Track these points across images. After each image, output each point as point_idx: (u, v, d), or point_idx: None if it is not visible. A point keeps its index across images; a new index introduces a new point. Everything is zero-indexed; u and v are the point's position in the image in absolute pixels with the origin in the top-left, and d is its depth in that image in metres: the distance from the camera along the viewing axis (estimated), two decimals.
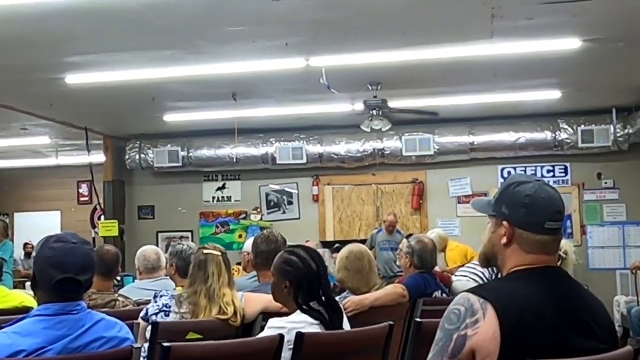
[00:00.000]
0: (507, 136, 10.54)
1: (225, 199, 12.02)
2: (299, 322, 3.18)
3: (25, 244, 12.55)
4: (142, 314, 3.87)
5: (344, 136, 11.00)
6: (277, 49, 6.75)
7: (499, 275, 2.27)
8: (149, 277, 5.29)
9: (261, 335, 3.27)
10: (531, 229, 2.15)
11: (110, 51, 6.78)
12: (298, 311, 3.28)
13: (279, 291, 3.41)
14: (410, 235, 5.44)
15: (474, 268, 5.36)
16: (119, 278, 6.97)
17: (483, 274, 5.10)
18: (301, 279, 3.32)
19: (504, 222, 2.18)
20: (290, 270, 3.35)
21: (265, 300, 3.95)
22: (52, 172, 13.79)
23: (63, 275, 2.58)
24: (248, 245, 5.19)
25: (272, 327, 3.18)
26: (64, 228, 12.47)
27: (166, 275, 5.19)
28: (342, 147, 11.03)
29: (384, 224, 10.29)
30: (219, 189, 12.03)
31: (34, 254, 2.80)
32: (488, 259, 2.30)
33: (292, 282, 3.33)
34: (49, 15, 5.69)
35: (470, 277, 5.25)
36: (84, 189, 13.89)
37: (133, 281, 6.14)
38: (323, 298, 3.33)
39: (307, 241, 8.96)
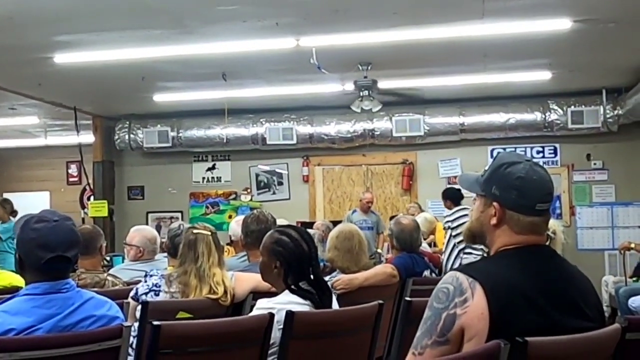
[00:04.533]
0: (497, 117, 10.55)
1: (215, 179, 12.01)
2: (287, 303, 3.17)
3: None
4: (132, 293, 3.87)
5: (334, 117, 10.98)
6: (267, 29, 6.72)
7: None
8: (147, 259, 5.23)
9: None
10: (522, 211, 2.15)
11: (100, 30, 6.74)
12: (286, 291, 3.26)
13: (268, 271, 3.37)
14: (394, 217, 5.46)
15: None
16: (108, 258, 6.94)
17: None
18: (292, 260, 3.29)
19: (495, 204, 2.18)
20: (281, 250, 3.31)
21: (255, 279, 3.95)
22: (41, 153, 13.73)
23: (51, 254, 2.57)
24: (232, 229, 5.18)
25: (261, 309, 3.18)
26: (54, 208, 12.41)
27: (164, 257, 5.15)
28: (333, 127, 11.02)
29: (361, 202, 10.33)
30: (209, 169, 12.01)
31: (14, 236, 2.78)
32: (474, 236, 2.30)
33: (282, 263, 3.29)
34: None
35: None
36: (73, 169, 13.83)
37: (122, 261, 6.12)
38: (312, 278, 3.32)
39: (303, 223, 8.97)
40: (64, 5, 5.96)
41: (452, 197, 9.21)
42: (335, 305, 3.42)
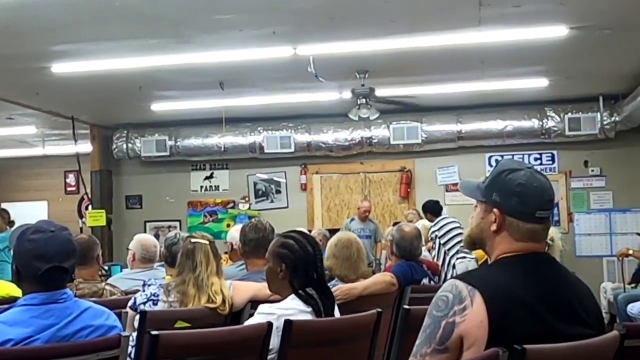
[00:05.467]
0: (495, 124, 10.56)
1: (213, 188, 12.00)
2: (289, 309, 3.16)
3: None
4: (130, 303, 3.86)
5: (332, 125, 10.99)
6: (264, 38, 6.73)
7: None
8: (141, 267, 5.26)
9: (250, 320, 3.26)
10: (522, 218, 2.15)
11: (97, 40, 6.74)
12: (290, 297, 3.25)
13: (274, 277, 3.34)
14: (396, 223, 5.45)
15: None
16: (106, 267, 6.93)
17: None
18: (298, 261, 3.28)
19: (495, 210, 2.18)
20: (287, 253, 3.30)
21: (253, 288, 3.95)
22: (39, 162, 13.72)
23: (48, 265, 2.56)
24: (231, 235, 5.18)
25: (262, 313, 3.17)
26: (51, 218, 12.39)
27: (160, 265, 5.17)
28: (330, 135, 11.03)
29: (359, 211, 10.35)
30: (206, 178, 12.01)
31: (11, 247, 2.77)
32: (474, 242, 2.30)
33: (288, 266, 3.28)
34: (34, 4, 5.66)
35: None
36: (71, 178, 13.82)
37: (121, 271, 6.11)
38: (317, 281, 3.31)
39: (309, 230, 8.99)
40: (61, 14, 5.96)
41: (431, 210, 9.28)
42: (337, 312, 3.41)
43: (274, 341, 3.05)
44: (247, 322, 3.31)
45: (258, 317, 3.16)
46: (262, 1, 5.82)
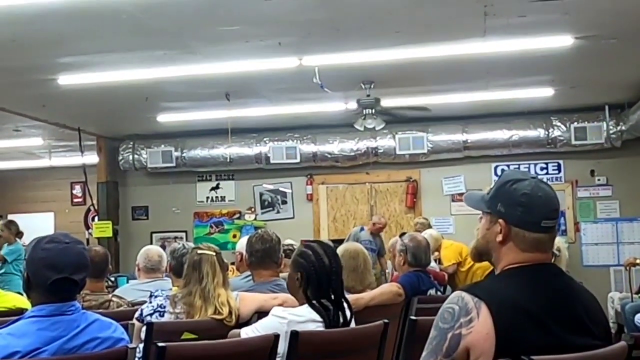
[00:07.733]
0: (501, 134, 10.55)
1: (219, 199, 12.01)
2: (301, 316, 3.21)
3: None
4: (137, 314, 3.87)
5: (337, 135, 10.99)
6: (270, 49, 6.75)
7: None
8: (146, 277, 5.28)
9: (262, 320, 3.31)
10: (528, 228, 2.15)
11: (103, 52, 6.77)
12: (305, 305, 3.31)
13: (292, 284, 3.46)
14: (404, 234, 5.45)
15: None
16: (112, 279, 6.95)
17: None
18: (311, 272, 3.36)
19: (500, 221, 2.18)
20: (303, 262, 3.40)
21: (260, 299, 3.96)
22: (46, 174, 13.75)
23: (58, 275, 2.57)
24: (241, 244, 5.19)
25: (275, 316, 3.23)
26: (58, 229, 12.43)
27: (166, 276, 5.19)
28: (336, 146, 11.03)
29: (374, 226, 10.19)
30: (212, 189, 12.02)
31: (25, 256, 2.79)
32: (480, 254, 2.29)
33: (303, 275, 3.37)
34: (41, 16, 5.68)
35: None
36: (77, 190, 13.85)
37: (127, 282, 6.13)
38: (332, 296, 3.34)
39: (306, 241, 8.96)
40: (67, 27, 5.99)
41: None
42: (353, 324, 3.44)
43: (282, 346, 3.06)
44: (260, 322, 3.35)
45: (270, 318, 3.22)
46: (268, 13, 5.84)
